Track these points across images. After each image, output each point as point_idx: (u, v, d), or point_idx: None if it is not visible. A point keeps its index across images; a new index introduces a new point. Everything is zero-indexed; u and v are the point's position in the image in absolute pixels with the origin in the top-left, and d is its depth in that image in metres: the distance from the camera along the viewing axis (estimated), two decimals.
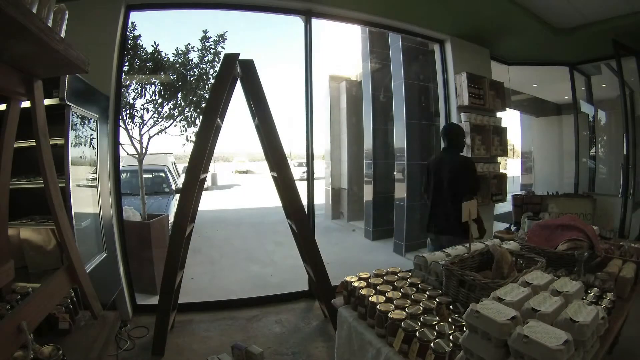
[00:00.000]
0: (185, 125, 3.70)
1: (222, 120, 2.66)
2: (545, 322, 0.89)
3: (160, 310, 2.35)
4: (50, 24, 1.03)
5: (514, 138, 7.01)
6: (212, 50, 3.66)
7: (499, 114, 4.10)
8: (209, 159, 2.71)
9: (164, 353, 2.32)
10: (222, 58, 2.44)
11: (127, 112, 3.46)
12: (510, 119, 5.66)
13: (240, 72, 2.47)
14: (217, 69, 3.66)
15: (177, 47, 3.61)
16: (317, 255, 2.54)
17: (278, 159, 2.48)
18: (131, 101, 3.53)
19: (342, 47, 7.96)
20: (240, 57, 2.42)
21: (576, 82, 5.04)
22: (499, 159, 4.14)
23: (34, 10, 0.94)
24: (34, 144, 1.20)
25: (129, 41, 3.29)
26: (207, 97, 3.62)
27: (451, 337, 1.05)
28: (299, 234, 2.58)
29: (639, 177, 3.97)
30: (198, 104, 3.67)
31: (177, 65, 3.60)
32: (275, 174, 2.58)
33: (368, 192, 6.28)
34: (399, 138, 5.30)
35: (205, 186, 3.90)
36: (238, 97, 2.72)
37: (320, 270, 2.51)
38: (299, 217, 2.51)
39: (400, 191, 5.33)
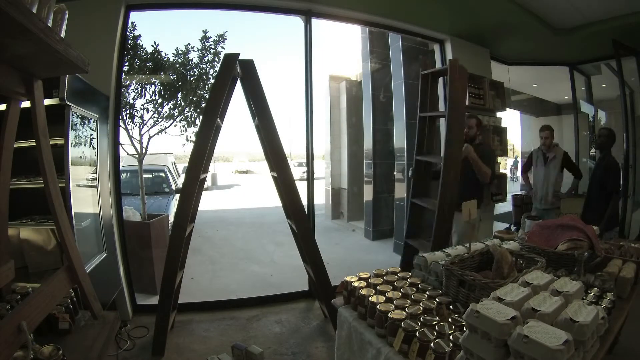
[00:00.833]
0: (185, 125, 3.70)
1: (222, 120, 2.66)
2: (545, 322, 0.88)
3: (161, 311, 2.35)
4: (50, 24, 1.03)
5: (514, 138, 7.02)
6: (212, 50, 3.66)
7: (499, 114, 4.10)
8: (209, 159, 2.71)
9: (164, 353, 2.33)
10: (222, 58, 2.44)
11: (127, 112, 3.45)
12: (510, 119, 5.66)
13: (240, 72, 2.47)
14: (217, 69, 3.66)
15: (177, 47, 3.61)
16: (317, 255, 2.54)
17: (278, 159, 2.48)
18: (131, 101, 3.53)
19: (342, 47, 7.96)
20: (240, 57, 2.42)
21: (576, 82, 5.05)
22: (499, 159, 4.14)
23: (34, 10, 0.94)
24: (34, 144, 1.20)
25: (129, 41, 3.29)
26: (207, 97, 3.62)
27: (451, 337, 1.05)
28: (299, 234, 2.58)
29: (639, 176, 3.98)
30: (198, 104, 3.67)
31: (177, 65, 3.60)
32: (275, 174, 2.58)
33: (368, 192, 6.27)
34: (399, 138, 5.30)
35: (205, 186, 3.90)
36: (238, 97, 2.73)
37: (320, 270, 2.52)
38: (299, 217, 2.51)
39: (400, 191, 5.33)
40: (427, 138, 2.93)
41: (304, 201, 2.68)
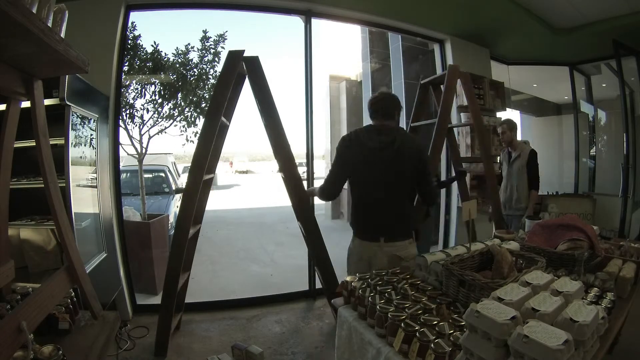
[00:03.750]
0: (185, 125, 3.70)
1: (229, 120, 2.63)
2: (545, 322, 0.88)
3: (163, 313, 2.33)
4: (50, 24, 1.03)
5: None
6: (212, 50, 3.66)
7: (499, 114, 4.09)
8: (216, 158, 2.67)
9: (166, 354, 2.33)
10: (227, 55, 2.39)
11: (127, 112, 3.45)
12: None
13: (245, 69, 2.44)
14: (217, 69, 3.67)
15: (177, 47, 3.61)
16: (324, 253, 2.54)
17: (285, 157, 2.46)
18: (131, 101, 3.53)
19: (342, 47, 7.97)
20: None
21: (576, 82, 5.04)
22: (499, 159, 4.14)
23: (34, 10, 0.94)
24: (34, 144, 1.19)
25: (129, 41, 3.29)
26: (207, 97, 3.63)
27: (451, 337, 1.05)
28: (306, 233, 2.57)
29: (639, 176, 3.98)
30: (198, 104, 3.67)
31: (177, 65, 3.60)
32: (283, 175, 2.56)
33: None
34: None
35: None
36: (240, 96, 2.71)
37: (328, 269, 2.52)
38: (307, 216, 2.52)
39: None
40: None
41: None
